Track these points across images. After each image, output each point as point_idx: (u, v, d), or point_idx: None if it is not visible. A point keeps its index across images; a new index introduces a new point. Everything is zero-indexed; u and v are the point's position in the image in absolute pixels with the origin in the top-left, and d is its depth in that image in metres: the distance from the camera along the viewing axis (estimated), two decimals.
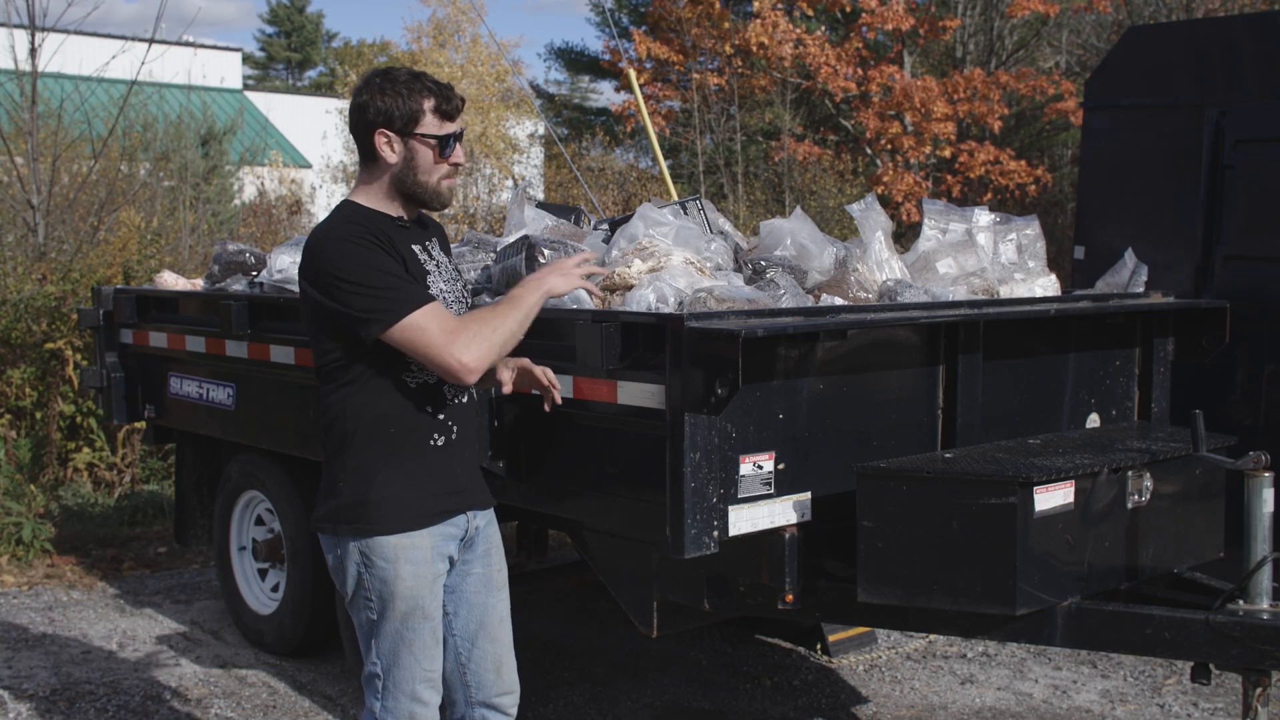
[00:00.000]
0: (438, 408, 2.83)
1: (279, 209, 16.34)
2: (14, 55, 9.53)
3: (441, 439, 2.84)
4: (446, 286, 2.87)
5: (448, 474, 2.85)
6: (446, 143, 2.78)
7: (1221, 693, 4.57)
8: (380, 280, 2.65)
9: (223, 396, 4.94)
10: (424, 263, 2.83)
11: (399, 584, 2.77)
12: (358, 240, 2.69)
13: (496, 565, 2.98)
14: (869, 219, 4.06)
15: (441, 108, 2.76)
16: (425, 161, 2.77)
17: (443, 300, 2.82)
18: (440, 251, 2.95)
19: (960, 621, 3.30)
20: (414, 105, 2.74)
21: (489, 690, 2.99)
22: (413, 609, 2.79)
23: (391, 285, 2.66)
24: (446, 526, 2.85)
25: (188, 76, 15.39)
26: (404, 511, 2.77)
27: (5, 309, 7.95)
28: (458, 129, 2.81)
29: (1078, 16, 18.09)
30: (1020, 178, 16.01)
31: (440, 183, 2.80)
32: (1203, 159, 5.44)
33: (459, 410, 2.88)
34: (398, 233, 2.81)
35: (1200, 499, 3.60)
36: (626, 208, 13.08)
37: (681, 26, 17.77)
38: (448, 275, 2.91)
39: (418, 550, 2.79)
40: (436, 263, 2.88)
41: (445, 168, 2.80)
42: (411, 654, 2.82)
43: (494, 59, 20.53)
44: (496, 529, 3.02)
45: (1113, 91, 5.89)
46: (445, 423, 2.84)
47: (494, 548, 2.99)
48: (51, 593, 6.11)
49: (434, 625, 2.85)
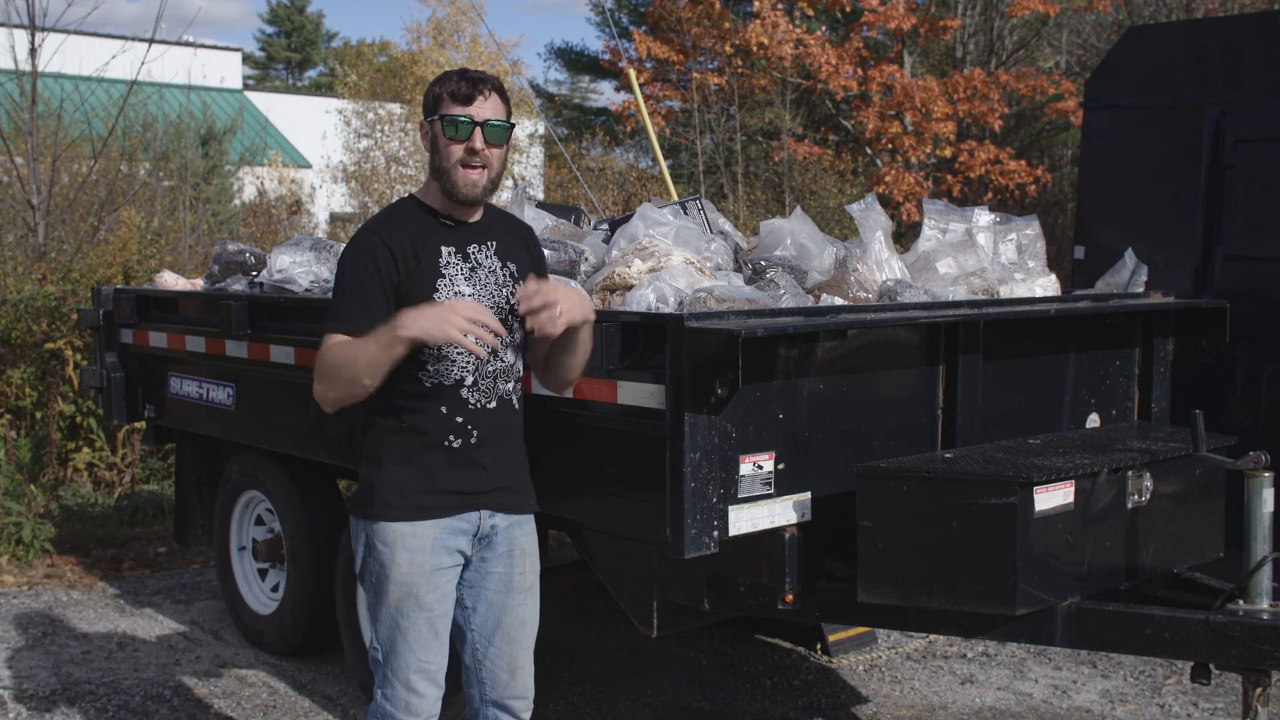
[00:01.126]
0: (454, 410, 2.83)
1: (279, 209, 16.34)
2: (14, 55, 9.53)
3: (458, 441, 2.84)
4: (471, 291, 2.83)
5: (460, 475, 2.85)
6: (455, 124, 2.77)
7: (1221, 693, 4.57)
8: (340, 285, 2.81)
9: (223, 396, 4.94)
10: (443, 265, 2.81)
11: (394, 569, 2.82)
12: (363, 237, 2.82)
13: (519, 568, 2.97)
14: (869, 219, 4.06)
15: (454, 91, 2.78)
16: (441, 144, 2.80)
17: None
18: (493, 256, 2.89)
19: (960, 621, 3.30)
20: (436, 90, 2.82)
21: (502, 690, 3.00)
22: (406, 595, 2.83)
23: (343, 294, 2.80)
24: (454, 520, 2.85)
25: (188, 76, 15.40)
26: (405, 500, 2.82)
27: (5, 309, 7.95)
28: (475, 113, 2.78)
29: (1078, 16, 18.09)
30: (1020, 178, 16.01)
31: (456, 168, 2.79)
32: (1203, 159, 5.43)
33: (483, 415, 2.86)
34: (430, 229, 2.84)
35: (1200, 499, 3.60)
36: (626, 208, 13.08)
37: (681, 26, 17.77)
38: (483, 280, 2.86)
39: (417, 539, 2.83)
40: (473, 266, 2.85)
41: (459, 152, 2.78)
42: (406, 643, 2.85)
43: (494, 59, 20.52)
44: (528, 533, 3.00)
45: (1113, 91, 5.89)
46: (464, 425, 2.84)
47: (519, 551, 2.97)
48: (51, 593, 6.11)
49: (430, 617, 2.86)
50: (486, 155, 2.80)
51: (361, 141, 20.45)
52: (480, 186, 2.82)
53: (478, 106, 2.78)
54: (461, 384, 2.83)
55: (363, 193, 19.67)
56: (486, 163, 2.80)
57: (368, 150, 20.11)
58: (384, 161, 19.68)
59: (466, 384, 2.84)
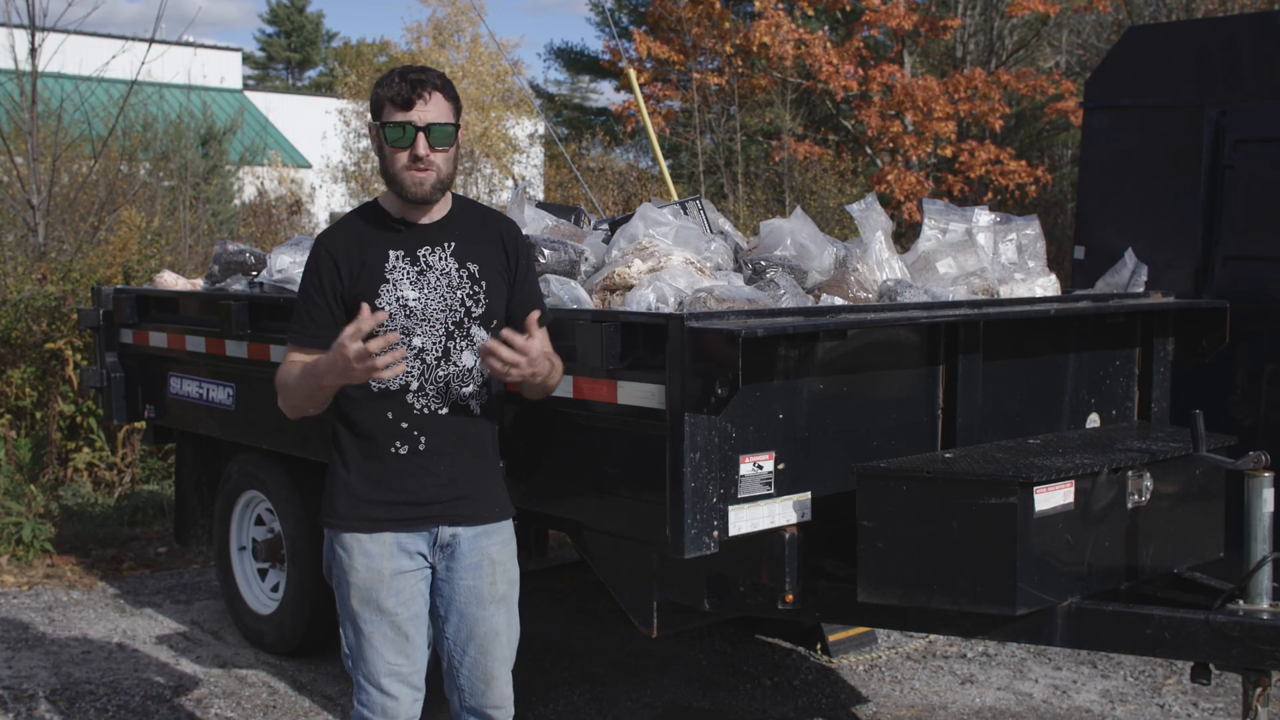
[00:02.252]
0: (400, 416, 2.80)
1: (279, 209, 16.36)
2: (14, 55, 9.53)
3: (405, 447, 2.81)
4: (417, 294, 2.77)
5: (408, 484, 2.81)
6: (399, 128, 2.71)
7: (1221, 693, 4.57)
8: (300, 299, 2.88)
9: (223, 396, 4.94)
10: (388, 269, 2.77)
11: (353, 575, 2.84)
12: (313, 249, 2.89)
13: (489, 579, 2.89)
14: (869, 219, 4.06)
15: (393, 96, 2.72)
16: (386, 151, 2.76)
17: (401, 307, 2.75)
18: (448, 258, 2.82)
19: (960, 621, 3.30)
20: (378, 93, 2.77)
21: (479, 699, 2.97)
22: (366, 601, 2.84)
23: (300, 308, 2.86)
24: (406, 531, 2.84)
25: (188, 76, 15.40)
26: (357, 511, 2.84)
27: (5, 309, 7.95)
28: (416, 118, 2.71)
29: (1078, 16, 18.10)
30: (1020, 178, 16.02)
31: (401, 173, 2.74)
32: (1203, 159, 5.43)
33: (430, 421, 2.81)
34: (379, 234, 2.81)
35: (1200, 499, 3.60)
36: (626, 208, 13.08)
37: (682, 26, 17.77)
38: (433, 284, 2.79)
39: (375, 544, 2.83)
40: (421, 269, 2.79)
41: (403, 158, 2.73)
42: (372, 647, 2.86)
43: (494, 59, 20.52)
44: (498, 542, 2.92)
45: (1113, 91, 5.89)
46: (409, 431, 2.80)
47: (488, 561, 2.89)
48: (51, 593, 6.11)
49: (395, 621, 2.84)
50: (430, 159, 2.73)
51: (361, 141, 20.47)
52: (429, 185, 2.75)
53: (418, 111, 2.71)
54: (407, 389, 2.79)
55: (363, 193, 19.69)
56: (432, 165, 2.74)
57: (367, 150, 20.10)
58: None
59: (412, 389, 2.80)
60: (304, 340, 2.82)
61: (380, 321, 2.59)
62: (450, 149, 2.77)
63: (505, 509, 2.96)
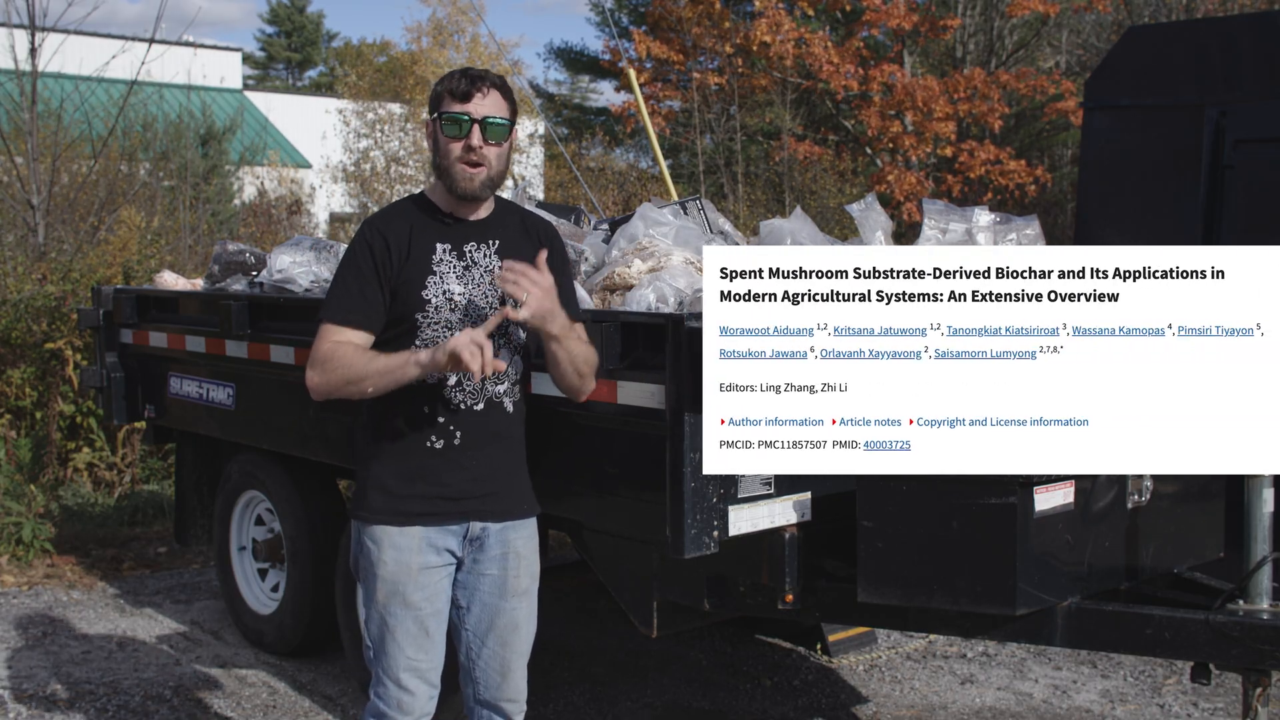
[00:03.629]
0: (438, 410, 2.83)
1: (279, 209, 16.36)
2: (14, 55, 9.54)
3: (440, 442, 2.84)
4: (462, 289, 2.83)
5: (444, 478, 2.84)
6: (454, 121, 2.77)
7: (1221, 693, 4.57)
8: (340, 275, 2.86)
9: (223, 396, 4.94)
10: (435, 262, 2.82)
11: (381, 568, 2.85)
12: (363, 229, 2.87)
13: (514, 571, 2.95)
14: (869, 219, 4.06)
15: (453, 89, 2.80)
16: (441, 142, 2.81)
17: (446, 300, 2.80)
18: (493, 255, 2.87)
19: (960, 621, 3.30)
20: (438, 89, 2.85)
21: (494, 692, 2.99)
22: (393, 594, 2.85)
23: (339, 284, 2.85)
24: (437, 525, 2.86)
25: (188, 76, 15.42)
26: (390, 505, 2.85)
27: (5, 309, 7.95)
28: (473, 110, 2.78)
29: (1078, 16, 18.12)
30: (1020, 178, 16.03)
31: (454, 165, 2.80)
32: (1203, 159, 5.43)
33: (466, 417, 2.85)
34: (428, 225, 2.86)
35: (1200, 499, 3.60)
36: (626, 208, 13.08)
37: (682, 26, 17.79)
38: (477, 280, 2.84)
39: (405, 538, 2.84)
40: (468, 264, 2.85)
41: (457, 149, 2.79)
42: (395, 641, 2.87)
43: (494, 59, 20.52)
44: (524, 536, 2.97)
45: (1113, 91, 5.88)
46: (446, 426, 2.84)
47: (514, 554, 2.95)
48: (51, 593, 6.11)
49: (419, 616, 2.87)
50: (484, 153, 2.79)
51: (361, 141, 20.46)
52: (479, 181, 2.81)
53: (475, 104, 2.78)
54: (445, 383, 2.82)
55: (362, 193, 19.68)
56: (484, 160, 2.79)
57: (367, 150, 20.12)
58: (384, 161, 19.69)
59: (450, 383, 2.83)
60: (352, 320, 2.80)
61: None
62: (503, 145, 2.83)
63: (532, 505, 3.02)
